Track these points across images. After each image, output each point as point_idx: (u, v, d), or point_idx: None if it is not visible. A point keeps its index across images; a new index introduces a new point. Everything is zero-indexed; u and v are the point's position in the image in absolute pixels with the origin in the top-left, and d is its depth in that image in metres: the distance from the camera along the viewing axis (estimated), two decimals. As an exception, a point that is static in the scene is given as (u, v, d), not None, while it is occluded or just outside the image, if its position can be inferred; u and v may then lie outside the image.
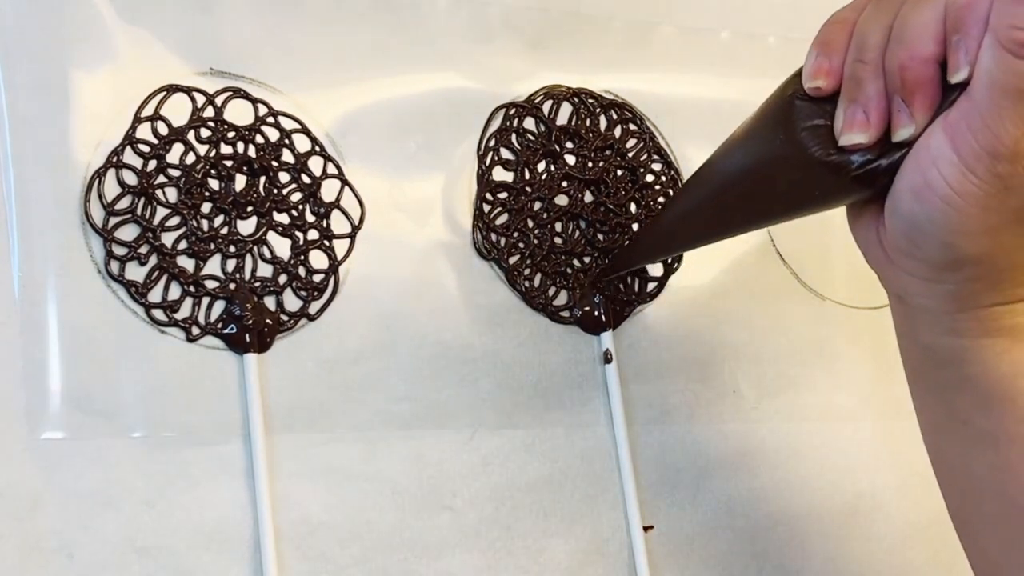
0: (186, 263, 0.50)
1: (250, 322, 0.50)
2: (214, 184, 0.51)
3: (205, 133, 0.51)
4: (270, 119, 0.52)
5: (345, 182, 0.53)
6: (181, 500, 0.47)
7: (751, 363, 0.60)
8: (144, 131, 0.50)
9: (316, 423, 0.51)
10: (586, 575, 0.54)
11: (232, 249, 0.51)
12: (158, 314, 0.49)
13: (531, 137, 0.58)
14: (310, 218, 0.52)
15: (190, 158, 0.50)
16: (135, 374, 0.48)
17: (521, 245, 0.56)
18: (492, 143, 0.57)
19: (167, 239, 0.49)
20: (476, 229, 0.56)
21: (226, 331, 0.50)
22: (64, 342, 0.47)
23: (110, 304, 0.48)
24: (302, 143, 0.53)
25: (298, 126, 0.53)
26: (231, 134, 0.51)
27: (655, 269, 0.59)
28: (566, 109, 0.59)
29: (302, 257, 0.52)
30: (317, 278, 0.52)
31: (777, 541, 0.59)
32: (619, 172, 0.59)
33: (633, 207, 0.59)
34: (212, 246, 0.50)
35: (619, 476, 0.56)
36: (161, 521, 0.47)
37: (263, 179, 0.52)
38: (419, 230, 0.54)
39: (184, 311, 0.49)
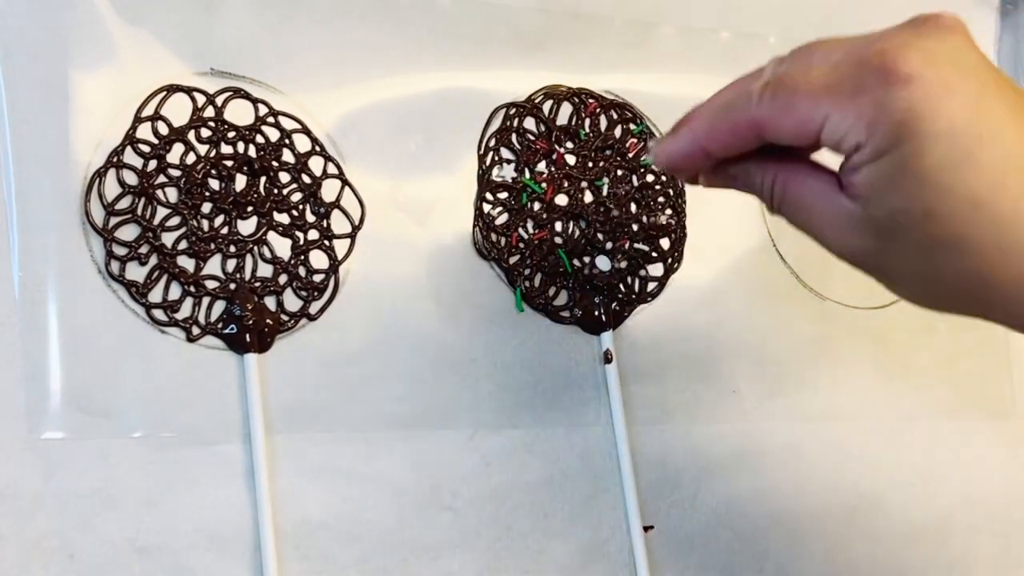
0: (186, 263, 0.50)
1: (250, 322, 0.50)
2: (214, 184, 0.51)
3: (205, 133, 0.51)
4: (270, 119, 0.52)
5: (345, 182, 0.53)
6: (181, 500, 0.47)
7: (751, 363, 0.60)
8: (144, 131, 0.50)
9: (316, 423, 0.51)
10: (586, 575, 0.54)
11: (232, 249, 0.51)
12: (158, 314, 0.49)
13: (531, 137, 0.58)
14: (310, 218, 0.52)
15: (190, 158, 0.50)
16: (135, 374, 0.48)
17: (521, 245, 0.56)
18: (492, 143, 0.57)
19: (167, 239, 0.49)
20: (476, 229, 0.56)
21: (226, 331, 0.50)
22: (64, 342, 0.47)
23: (110, 304, 0.48)
24: (302, 143, 0.53)
25: (298, 126, 0.53)
26: (231, 134, 0.51)
27: (655, 269, 0.59)
28: (566, 109, 0.59)
29: (302, 257, 0.52)
30: (317, 278, 0.52)
31: (777, 541, 0.59)
32: (619, 172, 0.59)
33: (633, 207, 0.59)
34: (212, 246, 0.50)
35: (619, 476, 0.56)
36: (161, 521, 0.47)
37: (263, 179, 0.52)
38: (419, 230, 0.54)
39: (184, 311, 0.49)
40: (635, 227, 0.59)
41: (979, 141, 0.37)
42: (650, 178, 0.60)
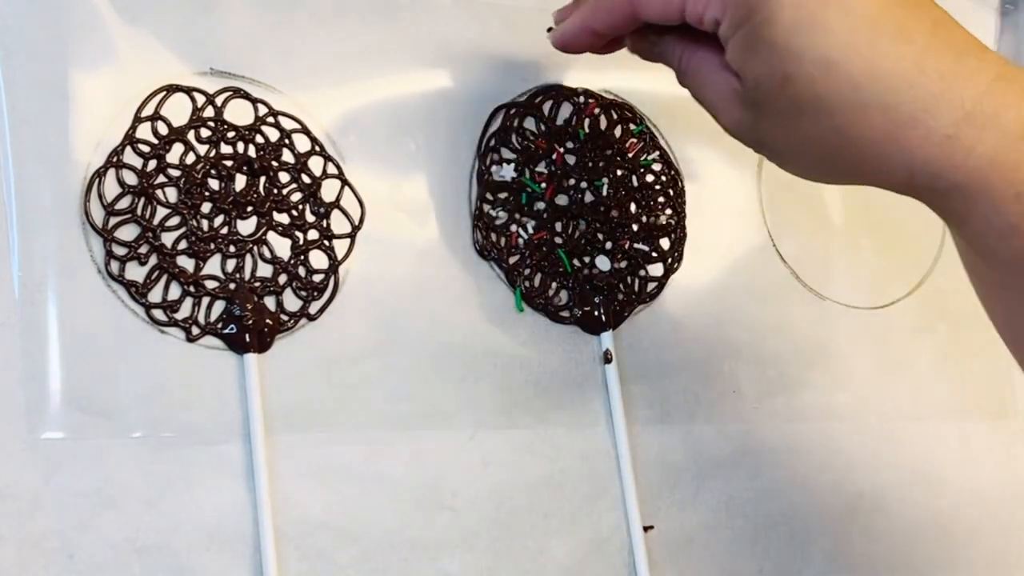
0: (186, 263, 0.50)
1: (250, 322, 0.50)
2: (214, 184, 0.51)
3: (205, 133, 0.51)
4: (270, 119, 0.52)
5: (345, 182, 0.53)
6: (181, 500, 0.47)
7: (751, 363, 0.60)
8: (144, 131, 0.50)
9: (316, 423, 0.51)
10: (586, 575, 0.54)
11: (232, 249, 0.51)
12: (158, 314, 0.49)
13: (531, 137, 0.58)
14: (310, 218, 0.52)
15: (190, 158, 0.50)
16: (135, 374, 0.48)
17: (521, 245, 0.56)
18: (492, 143, 0.57)
19: (167, 239, 0.49)
20: (476, 229, 0.56)
21: (226, 331, 0.50)
22: (64, 342, 0.47)
23: (110, 304, 0.48)
24: (302, 143, 0.53)
25: (298, 126, 0.53)
26: (231, 134, 0.51)
27: (655, 269, 0.59)
28: (566, 109, 0.59)
29: (302, 257, 0.52)
30: (317, 278, 0.52)
31: (777, 541, 0.59)
32: (619, 172, 0.59)
33: (633, 207, 0.59)
34: (212, 246, 0.50)
35: (619, 476, 0.56)
36: (161, 521, 0.47)
37: (263, 179, 0.52)
38: (419, 230, 0.54)
39: (184, 311, 0.49)
40: (635, 227, 0.59)
41: (826, 5, 0.40)
42: (650, 178, 0.60)
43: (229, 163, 0.51)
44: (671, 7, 0.44)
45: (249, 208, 0.51)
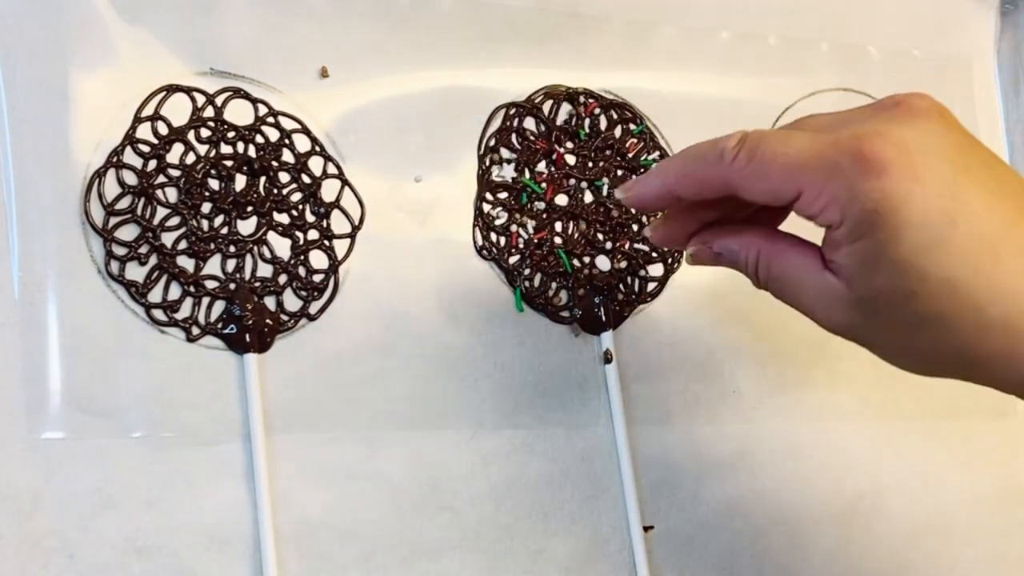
0: (186, 263, 0.50)
1: (250, 322, 0.50)
2: (214, 184, 0.51)
3: (205, 133, 0.51)
4: (270, 119, 0.52)
5: (345, 182, 0.53)
6: (181, 500, 0.47)
7: (751, 363, 0.60)
8: (144, 131, 0.50)
9: (316, 423, 0.51)
10: (586, 575, 0.54)
11: (232, 249, 0.51)
12: (158, 314, 0.49)
13: (531, 137, 0.58)
14: (310, 218, 0.52)
15: (190, 158, 0.50)
16: (135, 374, 0.48)
17: (521, 245, 0.56)
18: (492, 143, 0.57)
19: (167, 239, 0.49)
20: (476, 229, 0.56)
21: (226, 331, 0.50)
22: (64, 342, 0.47)
23: (110, 304, 0.48)
24: (302, 143, 0.53)
25: (298, 126, 0.53)
26: (231, 134, 0.51)
27: (655, 269, 0.59)
28: (566, 109, 0.59)
29: (302, 257, 0.52)
30: (317, 278, 0.52)
31: (777, 541, 0.59)
32: (619, 172, 0.59)
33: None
34: (212, 246, 0.50)
35: (619, 476, 0.56)
36: (161, 521, 0.47)
37: (263, 179, 0.52)
38: (419, 230, 0.55)
39: (184, 311, 0.49)
40: (635, 227, 0.59)
41: (953, 225, 0.39)
42: (650, 178, 0.60)
43: (229, 163, 0.51)
44: (780, 197, 0.42)
45: (249, 208, 0.51)
